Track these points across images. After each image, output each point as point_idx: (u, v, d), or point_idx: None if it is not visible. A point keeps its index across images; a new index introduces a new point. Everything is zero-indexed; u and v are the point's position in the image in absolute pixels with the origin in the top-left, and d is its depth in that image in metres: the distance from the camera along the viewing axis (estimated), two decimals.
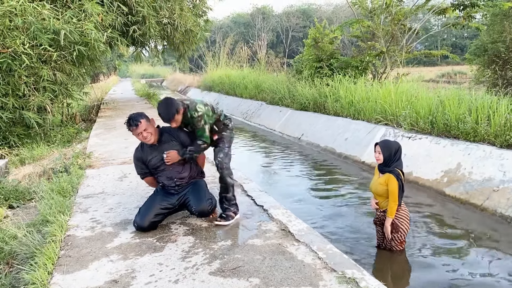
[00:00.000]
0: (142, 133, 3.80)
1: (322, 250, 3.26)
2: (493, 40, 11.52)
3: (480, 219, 5.07)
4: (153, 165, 3.94)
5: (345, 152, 8.52)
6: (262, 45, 21.36)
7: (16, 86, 7.49)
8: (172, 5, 11.60)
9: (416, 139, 7.07)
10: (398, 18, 11.59)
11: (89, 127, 10.95)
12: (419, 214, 5.33)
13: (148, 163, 3.96)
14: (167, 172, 3.93)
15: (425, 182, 6.31)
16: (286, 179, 7.30)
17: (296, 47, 34.82)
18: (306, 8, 47.92)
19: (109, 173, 5.90)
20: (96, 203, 4.59)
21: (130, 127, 3.80)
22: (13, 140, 7.77)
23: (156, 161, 3.91)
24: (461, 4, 11.39)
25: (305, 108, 11.57)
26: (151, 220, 3.78)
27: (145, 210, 3.83)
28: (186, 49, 13.91)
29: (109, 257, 3.26)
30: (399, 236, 4.03)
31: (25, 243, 3.49)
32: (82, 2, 8.38)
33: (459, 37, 48.84)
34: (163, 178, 3.96)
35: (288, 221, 3.90)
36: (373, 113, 8.75)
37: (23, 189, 5.26)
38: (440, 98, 7.49)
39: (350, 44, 17.51)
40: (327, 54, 12.40)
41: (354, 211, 5.56)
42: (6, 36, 7.23)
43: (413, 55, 12.50)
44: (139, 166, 4.05)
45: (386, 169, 3.97)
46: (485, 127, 6.17)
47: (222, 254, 3.25)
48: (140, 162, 4.02)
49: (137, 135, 3.81)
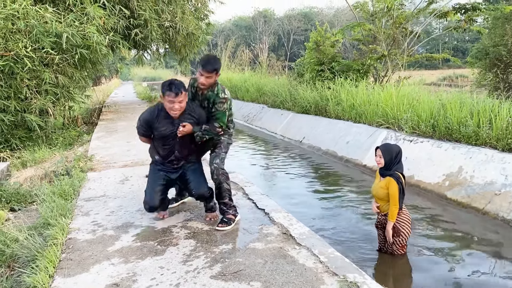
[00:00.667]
0: (175, 104, 3.65)
1: (323, 254, 3.26)
2: (495, 44, 11.55)
3: (482, 223, 5.06)
4: (161, 135, 3.82)
5: (347, 155, 8.51)
6: (263, 48, 21.42)
7: (18, 89, 7.51)
8: (174, 9, 11.64)
9: (417, 143, 7.06)
10: (399, 21, 11.60)
11: (91, 130, 10.96)
12: (421, 217, 5.32)
13: (155, 130, 3.84)
14: (171, 145, 3.85)
15: (427, 185, 6.30)
16: (288, 182, 7.30)
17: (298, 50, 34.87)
18: (307, 12, 48.01)
19: (111, 176, 5.91)
20: (97, 206, 4.59)
21: (169, 92, 3.60)
22: (15, 143, 7.78)
23: (166, 132, 3.80)
24: (462, 7, 11.39)
25: (306, 111, 11.57)
26: (159, 198, 3.88)
27: (151, 190, 3.87)
28: (188, 52, 13.94)
29: (110, 261, 3.26)
30: (401, 240, 4.02)
31: (26, 246, 3.49)
32: (85, 5, 8.42)
33: (461, 40, 48.86)
34: (164, 149, 3.88)
35: (290, 225, 3.90)
36: (374, 116, 8.75)
37: (24, 192, 5.26)
38: (441, 102, 7.48)
39: (352, 47, 17.52)
40: (329, 57, 12.41)
41: (356, 214, 5.55)
42: (8, 39, 7.26)
43: (414, 59, 12.49)
44: (143, 127, 3.89)
45: (386, 172, 3.97)
46: (487, 131, 6.16)
47: (223, 258, 3.25)
48: (146, 125, 3.87)
49: (169, 102, 3.64)
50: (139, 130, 3.96)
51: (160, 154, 3.93)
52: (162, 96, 3.69)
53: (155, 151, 3.97)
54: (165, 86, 3.66)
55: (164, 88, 3.66)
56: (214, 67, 3.76)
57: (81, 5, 8.45)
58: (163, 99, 3.68)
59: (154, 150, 3.99)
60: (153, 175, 3.97)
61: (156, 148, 3.94)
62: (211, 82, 3.83)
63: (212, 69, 3.74)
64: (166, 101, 3.67)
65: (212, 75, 3.77)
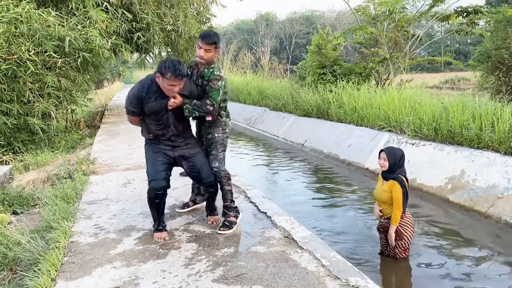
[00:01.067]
0: (176, 87, 3.50)
1: (325, 258, 3.26)
2: (497, 47, 11.54)
3: (484, 227, 5.05)
4: (153, 109, 3.61)
5: (349, 158, 8.51)
6: (265, 51, 21.45)
7: (21, 93, 7.54)
8: (176, 12, 11.68)
9: (419, 146, 7.06)
10: (401, 24, 11.62)
11: (93, 133, 10.99)
12: (423, 221, 5.31)
13: (146, 106, 3.61)
14: (165, 120, 3.68)
15: (429, 189, 6.29)
16: (289, 185, 7.29)
17: (300, 54, 34.89)
18: (309, 15, 48.09)
19: (113, 179, 5.92)
20: (99, 210, 4.60)
21: (173, 76, 3.41)
22: (18, 146, 7.81)
23: (157, 107, 3.61)
24: (464, 11, 11.41)
25: (308, 114, 11.57)
26: (165, 176, 3.68)
27: (154, 171, 3.67)
28: (190, 55, 13.95)
29: (112, 264, 3.26)
30: (403, 244, 4.02)
31: (28, 250, 3.50)
32: (87, 9, 8.45)
33: (463, 43, 48.83)
34: (159, 126, 3.69)
35: (292, 228, 3.90)
36: (376, 119, 8.74)
37: (27, 195, 5.27)
38: (443, 105, 7.48)
39: (353, 50, 17.54)
40: (331, 60, 12.42)
41: (358, 217, 5.54)
42: (11, 43, 7.29)
43: (416, 62, 12.50)
44: (133, 103, 3.64)
45: (390, 176, 3.97)
46: (489, 134, 6.15)
47: (225, 261, 3.25)
48: (137, 100, 3.62)
49: (169, 85, 3.46)
50: (128, 108, 3.71)
51: (156, 132, 3.73)
52: (160, 74, 3.47)
53: (149, 129, 3.75)
54: (169, 67, 3.43)
55: (166, 69, 3.43)
56: (214, 40, 3.75)
57: (84, 9, 8.49)
58: (161, 78, 3.48)
59: (147, 129, 3.77)
60: (152, 154, 3.75)
61: (150, 126, 3.73)
62: (210, 57, 3.78)
63: (211, 41, 3.74)
64: (165, 83, 3.47)
65: (211, 48, 3.75)
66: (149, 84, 3.62)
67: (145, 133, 3.84)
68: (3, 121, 7.30)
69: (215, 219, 4.13)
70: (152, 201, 3.70)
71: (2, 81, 7.27)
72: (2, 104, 7.37)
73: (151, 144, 3.80)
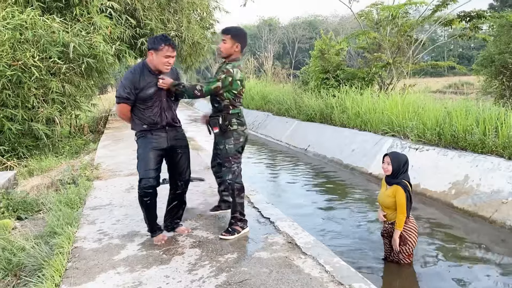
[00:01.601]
0: (171, 58, 3.56)
1: (329, 263, 3.25)
2: (500, 51, 11.51)
3: (489, 232, 5.02)
4: (147, 95, 3.57)
5: (352, 163, 8.50)
6: (268, 56, 21.50)
7: (25, 98, 7.60)
8: (180, 18, 11.74)
9: (423, 151, 7.04)
10: (404, 29, 11.63)
11: (97, 138, 11.03)
12: (427, 226, 5.29)
13: (140, 91, 3.56)
14: (158, 106, 3.64)
15: (433, 194, 6.27)
16: (293, 190, 7.29)
17: (303, 58, 34.92)
18: (312, 20, 48.16)
19: (117, 184, 5.93)
20: (103, 215, 4.61)
21: (167, 46, 3.49)
22: (22, 152, 7.86)
23: (151, 92, 3.58)
24: (467, 15, 11.40)
25: (311, 119, 11.58)
26: (154, 176, 3.61)
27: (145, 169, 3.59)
28: (193, 60, 14.03)
29: (116, 269, 3.27)
30: (407, 249, 4.00)
31: (33, 255, 3.51)
32: (91, 15, 8.52)
33: (466, 47, 48.76)
34: (154, 112, 3.63)
35: (295, 234, 3.89)
36: (380, 124, 8.74)
37: (31, 200, 5.29)
38: (447, 110, 7.47)
39: (357, 55, 17.54)
40: (334, 65, 12.44)
41: (361, 223, 5.53)
42: (16, 49, 7.36)
43: (419, 66, 12.50)
44: (128, 88, 3.54)
45: (393, 180, 3.96)
46: (493, 139, 6.13)
47: (228, 267, 3.25)
48: (131, 85, 3.55)
49: (165, 56, 3.51)
50: (121, 95, 3.56)
51: (151, 120, 3.64)
52: (154, 50, 3.50)
53: (143, 119, 3.65)
54: (161, 39, 3.51)
55: (158, 42, 3.49)
56: (228, 30, 3.77)
57: (88, 15, 8.56)
58: (154, 53, 3.51)
59: (141, 119, 3.66)
60: (144, 150, 3.65)
61: (144, 114, 3.64)
62: (227, 48, 3.76)
63: (225, 31, 3.78)
64: (161, 56, 3.50)
65: (226, 38, 3.75)
66: (141, 67, 3.61)
67: (137, 125, 3.71)
68: (7, 126, 7.35)
69: (181, 231, 4.03)
70: (142, 199, 3.66)
71: (7, 87, 7.33)
72: (7, 110, 7.42)
73: (144, 139, 3.68)
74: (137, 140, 3.76)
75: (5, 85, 7.28)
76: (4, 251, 3.68)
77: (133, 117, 3.71)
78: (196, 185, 5.75)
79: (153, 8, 10.84)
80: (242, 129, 3.86)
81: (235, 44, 3.77)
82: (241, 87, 3.78)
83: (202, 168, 6.77)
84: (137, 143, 3.75)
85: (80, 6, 8.62)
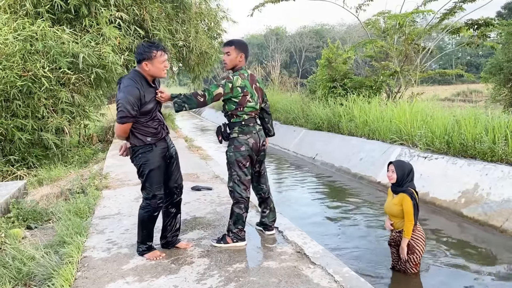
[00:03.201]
0: (167, 62, 3.47)
1: (338, 273, 3.23)
2: (509, 59, 11.47)
3: (499, 241, 4.96)
4: (149, 107, 3.45)
5: (360, 172, 8.46)
6: (275, 65, 21.55)
7: (35, 108, 7.69)
8: (188, 28, 11.83)
9: (432, 159, 7.00)
10: (411, 38, 11.62)
11: (106, 147, 11.09)
12: (436, 235, 5.25)
13: (144, 105, 3.40)
14: (157, 116, 3.57)
15: (442, 203, 6.22)
16: (301, 199, 7.27)
17: (310, 67, 34.97)
18: (319, 29, 48.25)
19: (125, 194, 5.96)
20: (112, 224, 4.63)
21: (161, 52, 3.39)
22: (32, 161, 7.93)
23: (152, 104, 3.48)
24: (475, 23, 11.39)
25: (319, 128, 11.57)
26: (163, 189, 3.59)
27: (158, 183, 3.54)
28: (201, 70, 14.09)
29: (125, 279, 3.27)
30: (415, 258, 3.96)
31: (42, 264, 3.53)
32: (100, 26, 8.62)
33: (474, 55, 48.56)
34: (155, 124, 3.53)
35: (304, 243, 3.88)
36: (388, 132, 8.71)
37: (41, 209, 5.33)
38: (455, 118, 7.43)
39: (364, 64, 17.56)
40: (341, 74, 12.44)
41: (369, 232, 5.50)
42: (27, 60, 7.46)
43: (427, 74, 12.47)
44: (135, 105, 3.33)
45: (399, 189, 3.95)
46: (503, 147, 6.09)
47: (237, 277, 3.24)
48: (138, 101, 3.35)
49: (161, 62, 3.42)
50: (130, 113, 3.33)
51: (155, 131, 3.53)
52: (147, 60, 3.39)
53: (146, 132, 3.49)
54: (150, 47, 3.40)
55: (149, 51, 3.37)
56: (230, 41, 3.85)
57: (97, 26, 8.66)
58: (149, 62, 3.39)
59: (144, 133, 3.48)
60: (153, 163, 3.51)
61: (147, 127, 3.49)
62: (232, 59, 3.81)
63: (228, 43, 3.84)
64: (156, 63, 3.40)
65: (229, 50, 3.80)
66: (140, 78, 3.44)
67: (140, 140, 3.49)
68: (18, 136, 7.44)
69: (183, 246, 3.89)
70: (152, 215, 3.58)
71: (17, 97, 7.43)
72: (17, 120, 7.51)
73: (150, 153, 3.51)
74: (139, 156, 3.52)
75: (16, 96, 7.38)
76: (14, 260, 3.70)
77: (133, 132, 3.47)
78: (204, 194, 5.76)
79: (161, 19, 10.93)
80: (244, 138, 3.81)
81: (239, 54, 3.82)
82: (242, 95, 3.75)
83: (210, 177, 6.79)
84: (140, 159, 3.52)
85: (89, 17, 8.73)
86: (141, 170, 3.54)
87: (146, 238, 3.70)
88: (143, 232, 3.67)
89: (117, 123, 3.41)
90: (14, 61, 7.30)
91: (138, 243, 3.73)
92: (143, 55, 3.38)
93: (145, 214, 3.59)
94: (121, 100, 3.33)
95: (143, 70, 3.44)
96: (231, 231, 3.87)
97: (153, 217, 3.62)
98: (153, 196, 3.54)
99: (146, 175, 3.52)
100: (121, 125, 3.40)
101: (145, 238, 3.69)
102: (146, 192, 3.57)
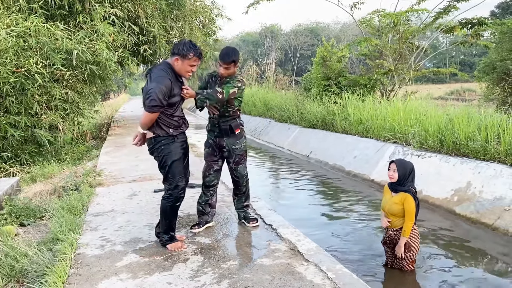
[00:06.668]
0: (194, 67, 3.63)
1: (331, 270, 3.25)
2: (502, 58, 11.55)
3: (491, 239, 5.00)
4: (176, 100, 3.57)
5: (354, 170, 8.49)
6: (270, 63, 21.53)
7: (28, 105, 7.64)
8: (182, 25, 11.82)
9: (425, 158, 7.04)
10: (406, 36, 11.65)
11: (100, 145, 11.06)
12: (430, 233, 5.28)
13: (171, 97, 3.52)
14: (180, 110, 3.72)
15: (435, 201, 6.26)
16: (295, 197, 7.28)
17: (304, 65, 35.04)
18: (314, 27, 48.33)
19: (119, 191, 5.94)
20: (105, 221, 4.62)
21: (195, 56, 3.52)
22: (25, 158, 7.88)
23: (179, 94, 3.60)
24: (469, 22, 11.44)
25: (313, 126, 11.59)
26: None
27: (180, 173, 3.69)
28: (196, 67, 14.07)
29: (118, 276, 3.27)
30: (411, 255, 3.99)
31: (35, 261, 3.52)
32: (95, 22, 8.58)
33: (468, 54, 48.85)
34: (179, 115, 3.68)
35: (297, 241, 3.89)
36: (382, 131, 8.74)
37: (34, 207, 5.30)
38: (449, 116, 7.47)
39: (358, 62, 17.61)
40: (335, 72, 12.46)
41: (364, 229, 5.52)
42: (20, 56, 7.41)
43: (421, 73, 12.52)
44: (166, 95, 3.45)
45: (400, 188, 3.95)
46: (495, 146, 6.13)
47: (231, 274, 3.25)
48: (168, 91, 3.46)
49: (190, 65, 3.56)
50: (162, 102, 3.42)
51: (179, 123, 3.66)
52: (181, 57, 3.50)
53: (169, 124, 3.59)
54: (190, 47, 3.51)
55: (188, 50, 3.49)
56: (232, 59, 3.99)
57: (91, 22, 8.62)
58: (181, 60, 3.51)
59: (168, 124, 3.59)
60: (176, 154, 3.62)
61: (172, 119, 3.60)
62: (231, 73, 4.07)
63: (230, 60, 3.97)
64: (187, 64, 3.53)
65: (230, 66, 4.00)
66: (171, 70, 3.56)
67: (163, 130, 3.58)
68: (10, 133, 7.39)
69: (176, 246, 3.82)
70: (174, 205, 3.73)
71: (10, 93, 7.37)
72: (10, 116, 7.46)
73: (172, 144, 3.61)
74: (162, 147, 3.61)
75: (9, 92, 7.33)
76: (7, 257, 3.68)
77: (158, 122, 3.55)
78: (198, 191, 5.75)
79: (156, 16, 10.91)
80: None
81: (236, 66, 4.10)
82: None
83: None
84: (163, 150, 3.61)
85: (83, 13, 8.70)
86: (163, 161, 3.66)
87: (169, 229, 3.80)
88: (165, 222, 3.78)
89: (145, 111, 3.46)
90: (7, 57, 7.25)
91: (161, 233, 3.83)
92: (180, 51, 3.52)
93: (167, 204, 3.71)
94: (154, 89, 3.41)
95: (173, 64, 3.58)
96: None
97: (175, 207, 3.74)
98: (176, 187, 3.68)
99: (168, 166, 3.64)
100: (150, 114, 3.45)
101: (168, 229, 3.79)
102: (168, 183, 3.71)
